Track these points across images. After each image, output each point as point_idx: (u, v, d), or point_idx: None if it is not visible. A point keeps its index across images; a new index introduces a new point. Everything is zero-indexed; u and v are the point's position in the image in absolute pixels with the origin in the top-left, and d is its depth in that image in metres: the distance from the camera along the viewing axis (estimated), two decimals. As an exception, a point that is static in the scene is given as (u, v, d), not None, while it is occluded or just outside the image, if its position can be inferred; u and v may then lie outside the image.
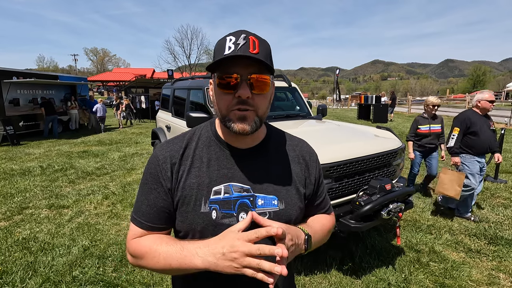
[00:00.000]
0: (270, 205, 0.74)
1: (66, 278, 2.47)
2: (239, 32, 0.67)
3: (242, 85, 0.66)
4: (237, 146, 0.77)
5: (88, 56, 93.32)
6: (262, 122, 0.74)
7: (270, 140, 0.83)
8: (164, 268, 0.67)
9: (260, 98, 0.69)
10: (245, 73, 0.66)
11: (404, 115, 18.40)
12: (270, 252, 0.56)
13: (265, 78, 0.68)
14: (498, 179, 4.94)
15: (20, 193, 4.56)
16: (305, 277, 2.50)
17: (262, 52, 0.66)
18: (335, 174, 2.35)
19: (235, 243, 0.58)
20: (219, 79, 0.68)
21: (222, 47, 0.67)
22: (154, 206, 0.73)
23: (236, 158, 0.76)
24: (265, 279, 0.56)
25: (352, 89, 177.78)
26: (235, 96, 0.67)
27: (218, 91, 0.70)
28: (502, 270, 2.58)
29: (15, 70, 10.39)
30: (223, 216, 0.71)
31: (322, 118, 4.08)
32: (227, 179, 0.74)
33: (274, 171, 0.78)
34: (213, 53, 0.73)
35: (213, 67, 0.68)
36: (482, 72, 77.04)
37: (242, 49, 0.64)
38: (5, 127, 8.69)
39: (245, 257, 0.57)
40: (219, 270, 0.60)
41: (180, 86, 4.81)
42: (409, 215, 3.67)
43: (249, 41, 0.65)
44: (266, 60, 0.66)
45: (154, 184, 0.74)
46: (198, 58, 37.01)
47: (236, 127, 0.68)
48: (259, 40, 0.67)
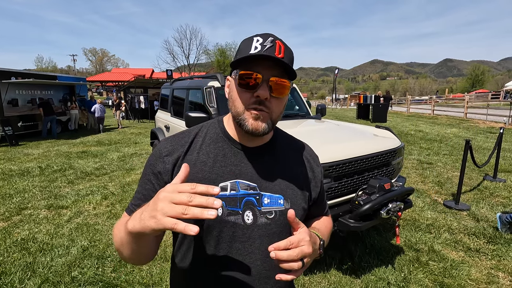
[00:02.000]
0: (276, 204, 0.74)
1: (65, 279, 2.46)
2: (266, 35, 0.68)
3: (262, 86, 0.67)
4: (245, 144, 0.77)
5: (87, 57, 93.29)
6: (274, 126, 0.75)
7: (277, 140, 0.83)
8: (122, 242, 0.63)
9: (277, 101, 0.70)
10: (267, 74, 0.67)
11: (403, 114, 18.44)
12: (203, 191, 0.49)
13: (285, 82, 0.69)
14: (497, 178, 4.94)
15: (19, 194, 4.55)
16: (304, 276, 2.50)
17: (286, 58, 0.67)
18: (334, 173, 2.35)
19: (161, 193, 0.51)
20: (240, 77, 0.68)
21: (248, 46, 0.67)
22: (148, 197, 0.72)
23: (244, 155, 0.76)
24: (187, 229, 0.47)
25: (351, 88, 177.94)
26: (254, 95, 0.68)
27: (237, 88, 0.70)
28: (501, 269, 2.58)
29: (13, 70, 10.36)
30: (229, 213, 0.71)
31: (321, 117, 4.08)
32: (234, 176, 0.73)
33: (281, 170, 0.79)
34: (237, 50, 0.73)
35: (236, 64, 0.69)
36: (480, 71, 77.19)
37: (268, 51, 0.65)
38: (4, 128, 8.67)
39: (170, 204, 0.49)
40: (143, 227, 0.52)
41: (179, 86, 4.81)
42: (408, 214, 3.67)
43: (276, 45, 0.66)
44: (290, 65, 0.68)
45: (151, 176, 0.74)
46: (197, 58, 36.98)
47: (250, 126, 0.69)
48: (285, 46, 0.68)
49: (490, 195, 4.32)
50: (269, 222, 0.73)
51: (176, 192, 0.50)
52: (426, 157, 6.67)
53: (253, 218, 0.72)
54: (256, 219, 0.72)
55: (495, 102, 21.34)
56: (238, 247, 0.71)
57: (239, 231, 0.71)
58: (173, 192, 0.50)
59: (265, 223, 0.73)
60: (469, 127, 11.48)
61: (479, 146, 7.61)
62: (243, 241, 0.71)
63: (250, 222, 0.72)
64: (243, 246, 0.71)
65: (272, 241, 0.72)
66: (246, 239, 0.71)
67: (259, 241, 0.72)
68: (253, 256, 0.72)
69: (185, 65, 36.40)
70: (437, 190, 4.55)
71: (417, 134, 9.98)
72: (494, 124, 12.17)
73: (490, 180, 4.94)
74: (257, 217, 0.72)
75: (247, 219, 0.72)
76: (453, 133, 10.09)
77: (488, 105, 14.89)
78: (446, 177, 5.13)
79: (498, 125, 11.67)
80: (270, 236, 0.73)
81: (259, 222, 0.72)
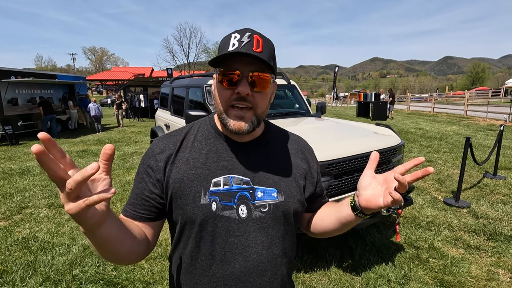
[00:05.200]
0: (269, 198, 0.75)
1: (66, 277, 2.47)
2: (244, 30, 0.68)
3: (242, 82, 0.68)
4: (236, 140, 0.78)
5: (87, 55, 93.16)
6: (260, 121, 0.75)
7: (268, 134, 0.84)
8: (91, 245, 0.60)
9: (260, 96, 0.70)
10: (246, 70, 0.68)
11: (403, 112, 18.42)
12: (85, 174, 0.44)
13: (266, 76, 0.69)
14: (497, 176, 4.95)
15: (20, 193, 4.55)
16: (305, 274, 2.51)
17: (265, 52, 0.67)
18: (335, 171, 2.35)
19: None
20: (221, 75, 0.69)
21: (226, 43, 0.68)
22: (140, 195, 0.74)
23: (236, 150, 0.77)
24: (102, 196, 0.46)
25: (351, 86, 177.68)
26: (235, 92, 0.68)
27: (219, 86, 0.71)
28: (501, 266, 2.58)
29: (13, 69, 10.35)
30: (223, 208, 0.71)
31: (321, 115, 4.08)
32: (226, 171, 0.74)
33: (274, 163, 0.79)
34: (217, 49, 0.74)
35: (216, 62, 0.69)
36: (481, 69, 77.09)
37: (246, 47, 0.65)
38: (4, 127, 8.67)
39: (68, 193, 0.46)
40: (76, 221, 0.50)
41: (178, 85, 4.80)
42: (408, 211, 3.67)
43: (253, 39, 0.66)
44: (269, 60, 0.68)
45: (144, 174, 0.74)
46: (197, 56, 36.98)
47: (232, 126, 0.70)
48: (263, 39, 0.68)
49: (490, 192, 4.32)
50: (264, 215, 0.73)
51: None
52: (426, 154, 6.67)
53: (247, 212, 0.72)
54: (251, 213, 0.73)
55: (495, 99, 21.32)
56: (234, 241, 0.72)
57: (234, 226, 0.72)
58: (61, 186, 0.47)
59: (259, 217, 0.73)
60: (469, 125, 11.47)
61: (479, 144, 7.61)
62: (238, 235, 0.72)
63: (244, 216, 0.72)
64: (239, 240, 0.72)
65: (267, 234, 0.74)
66: (242, 233, 0.72)
67: (254, 235, 0.72)
68: (249, 250, 0.72)
69: (185, 63, 36.37)
70: (437, 188, 4.55)
71: (417, 132, 9.98)
72: (494, 121, 12.16)
73: (490, 177, 4.95)
74: (251, 211, 0.73)
75: (242, 213, 0.72)
76: (453, 130, 10.08)
77: (488, 102, 14.87)
78: (446, 175, 5.13)
79: (498, 122, 11.66)
80: (265, 229, 0.73)
81: (254, 215, 0.73)
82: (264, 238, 0.73)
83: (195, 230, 0.72)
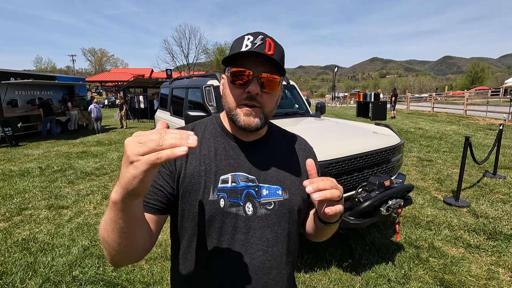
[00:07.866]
0: (274, 195, 0.76)
1: (66, 278, 2.47)
2: (257, 33, 0.71)
3: (253, 82, 0.70)
4: (242, 139, 0.80)
5: (86, 57, 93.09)
6: (267, 120, 0.78)
7: (271, 134, 0.86)
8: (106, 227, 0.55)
9: (268, 96, 0.73)
10: (258, 71, 0.70)
11: (403, 112, 18.43)
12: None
13: (276, 78, 0.72)
14: (497, 175, 4.95)
15: (19, 194, 4.55)
16: (305, 274, 2.51)
17: (276, 55, 0.70)
18: (334, 171, 2.35)
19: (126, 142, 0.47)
20: (232, 74, 0.71)
21: (239, 44, 0.71)
22: (153, 184, 0.71)
23: (242, 149, 0.79)
24: (175, 152, 0.42)
25: (351, 86, 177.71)
26: (245, 91, 0.71)
27: (229, 85, 0.73)
28: (501, 265, 2.58)
29: (12, 71, 10.35)
30: (231, 205, 0.73)
31: (321, 115, 4.08)
32: (233, 169, 0.76)
33: (278, 162, 0.81)
34: (229, 49, 0.77)
35: (228, 62, 0.72)
36: (480, 68, 77.15)
37: (258, 48, 0.68)
38: (4, 129, 8.67)
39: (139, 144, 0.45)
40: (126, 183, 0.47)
41: (178, 85, 4.81)
42: (408, 211, 3.67)
43: (266, 42, 0.69)
44: (279, 62, 0.70)
45: None
46: (196, 57, 36.97)
47: (242, 122, 0.72)
48: (275, 44, 0.72)
49: (490, 191, 4.32)
50: (269, 212, 0.75)
51: (141, 135, 0.46)
52: (426, 154, 6.67)
53: (253, 209, 0.74)
54: (256, 210, 0.74)
55: (495, 99, 21.33)
56: (240, 238, 0.72)
57: (241, 223, 0.73)
58: (138, 135, 0.46)
59: (265, 214, 0.74)
60: (468, 124, 11.47)
61: (479, 143, 7.61)
62: (244, 232, 0.73)
63: (250, 213, 0.73)
64: (245, 237, 0.73)
65: (273, 231, 0.75)
66: (248, 230, 0.73)
67: (260, 232, 0.74)
68: (255, 247, 0.73)
69: (184, 64, 36.37)
70: (437, 187, 4.55)
71: (417, 131, 9.98)
72: (493, 121, 12.17)
73: (490, 176, 4.95)
74: (257, 208, 0.74)
75: (248, 210, 0.73)
76: (453, 130, 10.09)
77: (488, 102, 14.87)
78: (446, 174, 5.13)
79: (498, 121, 11.67)
80: (271, 227, 0.75)
81: (259, 213, 0.74)
82: (270, 236, 0.74)
83: (202, 226, 0.73)
